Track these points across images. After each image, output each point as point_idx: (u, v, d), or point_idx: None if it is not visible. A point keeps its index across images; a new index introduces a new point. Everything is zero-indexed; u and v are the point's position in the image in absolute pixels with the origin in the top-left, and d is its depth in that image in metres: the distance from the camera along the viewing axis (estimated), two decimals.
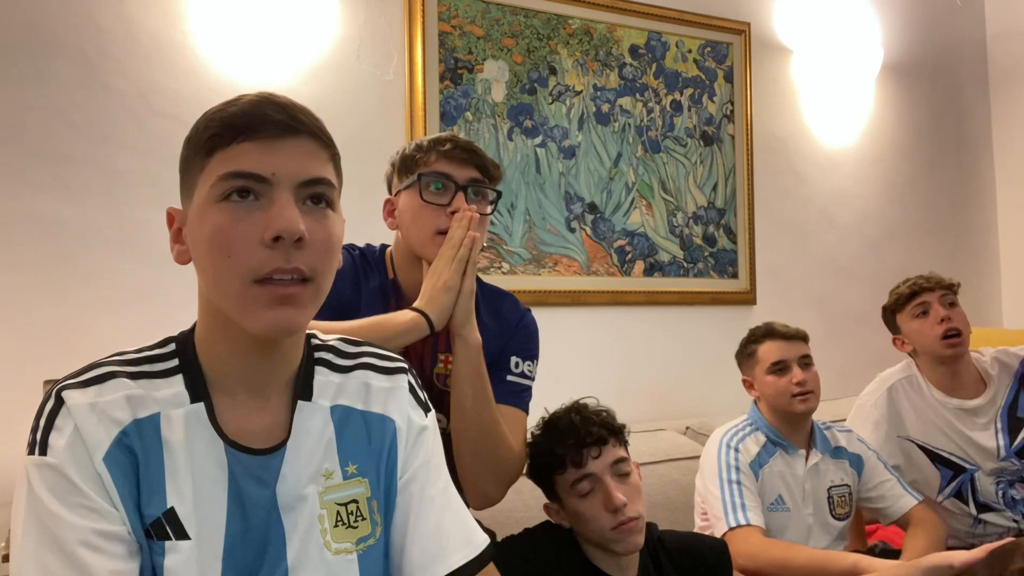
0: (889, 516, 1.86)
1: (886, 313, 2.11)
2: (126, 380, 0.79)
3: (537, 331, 1.45)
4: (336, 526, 0.84)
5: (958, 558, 1.40)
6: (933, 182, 3.40)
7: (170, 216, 0.84)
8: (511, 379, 1.38)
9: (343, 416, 0.87)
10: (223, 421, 0.81)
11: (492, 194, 1.35)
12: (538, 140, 2.53)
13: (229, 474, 0.80)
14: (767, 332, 1.85)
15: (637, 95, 2.71)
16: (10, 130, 1.91)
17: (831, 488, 1.82)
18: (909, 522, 1.81)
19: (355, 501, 0.85)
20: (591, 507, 1.32)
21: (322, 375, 0.88)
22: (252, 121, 0.77)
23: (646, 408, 1.47)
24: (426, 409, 0.95)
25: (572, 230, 2.57)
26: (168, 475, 0.78)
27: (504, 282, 1.70)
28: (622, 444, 1.38)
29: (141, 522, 0.77)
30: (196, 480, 0.78)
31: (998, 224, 3.56)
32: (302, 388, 0.86)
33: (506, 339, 1.40)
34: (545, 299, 2.49)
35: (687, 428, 2.44)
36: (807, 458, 1.82)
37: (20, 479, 0.75)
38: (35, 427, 0.76)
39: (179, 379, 0.81)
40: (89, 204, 1.98)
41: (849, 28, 3.12)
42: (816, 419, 1.90)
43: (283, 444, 0.83)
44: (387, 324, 1.20)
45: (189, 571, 0.77)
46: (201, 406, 0.81)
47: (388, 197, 1.40)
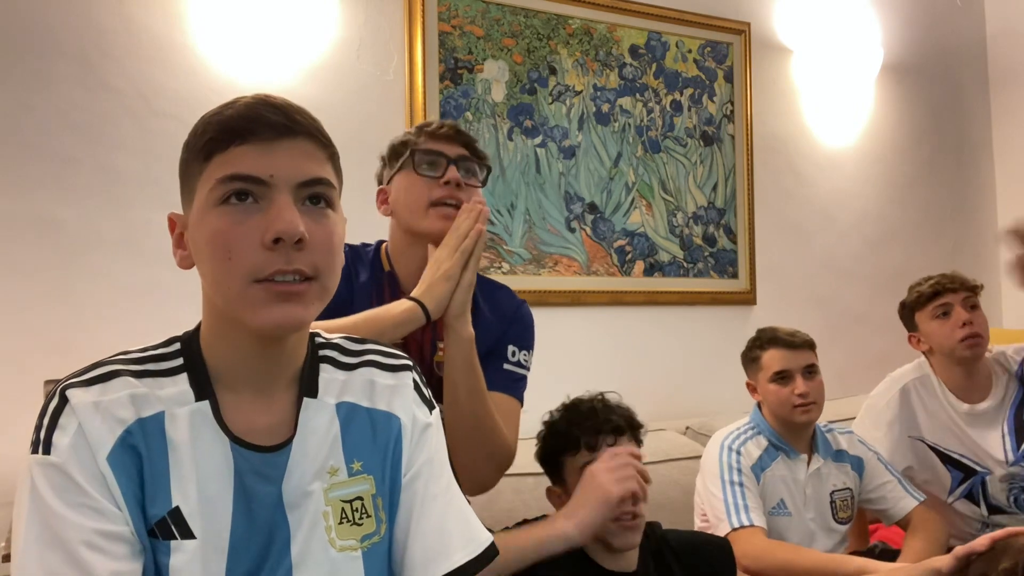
0: (891, 517, 1.85)
1: (904, 310, 2.07)
2: (130, 379, 0.79)
3: (533, 322, 1.46)
4: (341, 523, 0.84)
5: (945, 563, 1.40)
6: (933, 182, 3.40)
7: (171, 221, 0.84)
8: (507, 368, 1.39)
9: (349, 413, 0.87)
10: (228, 419, 0.81)
11: (482, 171, 1.38)
12: (538, 140, 2.53)
13: (235, 471, 0.80)
14: (772, 339, 1.82)
15: (637, 95, 2.71)
16: (10, 130, 1.91)
17: (834, 493, 1.81)
18: (910, 523, 1.81)
19: (360, 498, 0.85)
20: None
21: (327, 372, 0.88)
22: (248, 124, 0.77)
23: (646, 408, 1.47)
24: (430, 406, 0.95)
25: (572, 230, 2.57)
26: (173, 474, 0.78)
27: (504, 282, 1.70)
28: (636, 441, 1.40)
29: (145, 522, 0.76)
30: (201, 478, 0.78)
31: (998, 224, 3.55)
32: (308, 385, 0.86)
33: (503, 329, 1.41)
34: (545, 299, 2.49)
35: (687, 428, 2.44)
36: (809, 463, 1.81)
37: (23, 477, 0.75)
38: (39, 425, 0.76)
39: (183, 377, 0.81)
40: (89, 204, 1.98)
41: (849, 28, 3.12)
42: (819, 424, 1.88)
43: (289, 441, 0.82)
44: (383, 316, 1.20)
45: (194, 570, 0.76)
46: (206, 404, 0.80)
47: (381, 187, 1.43)
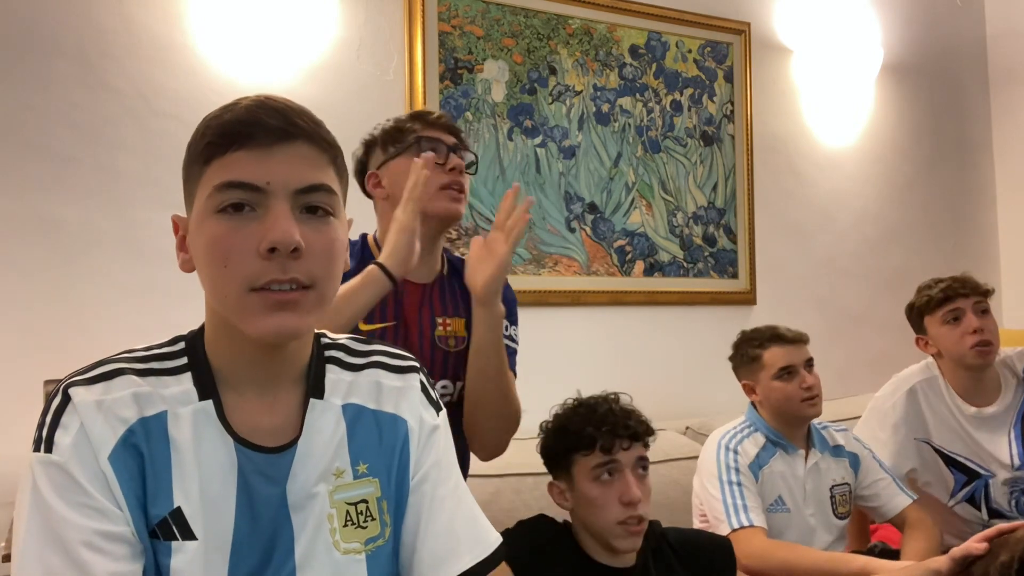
0: (883, 515, 1.86)
1: (913, 312, 2.04)
2: (134, 377, 0.79)
3: (516, 298, 1.54)
4: (345, 526, 0.83)
5: (944, 564, 1.42)
6: (933, 182, 3.40)
7: (175, 224, 0.83)
8: (512, 345, 1.48)
9: (355, 415, 0.87)
10: (232, 419, 0.80)
11: (470, 157, 1.47)
12: (538, 140, 2.53)
13: (238, 472, 0.79)
14: (773, 336, 1.82)
15: (637, 95, 2.71)
16: (10, 130, 1.91)
17: (833, 487, 1.82)
18: (904, 522, 1.82)
19: (365, 501, 0.85)
20: (605, 494, 1.34)
21: (333, 373, 0.88)
22: (246, 128, 0.76)
23: (646, 408, 1.47)
24: (437, 408, 0.94)
25: (572, 230, 2.57)
26: (175, 474, 0.77)
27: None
28: (646, 447, 1.41)
29: (147, 522, 0.76)
30: (203, 479, 0.78)
31: (998, 224, 3.56)
32: (314, 386, 0.85)
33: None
34: (545, 299, 2.49)
35: (687, 428, 2.44)
36: (807, 458, 1.82)
37: (24, 475, 0.75)
38: (41, 423, 0.76)
39: (187, 376, 0.81)
40: (89, 204, 1.98)
41: (849, 28, 3.12)
42: (815, 421, 1.88)
43: (294, 442, 0.82)
44: (346, 288, 1.21)
45: (195, 571, 0.76)
46: (210, 403, 0.80)
47: (371, 171, 1.46)
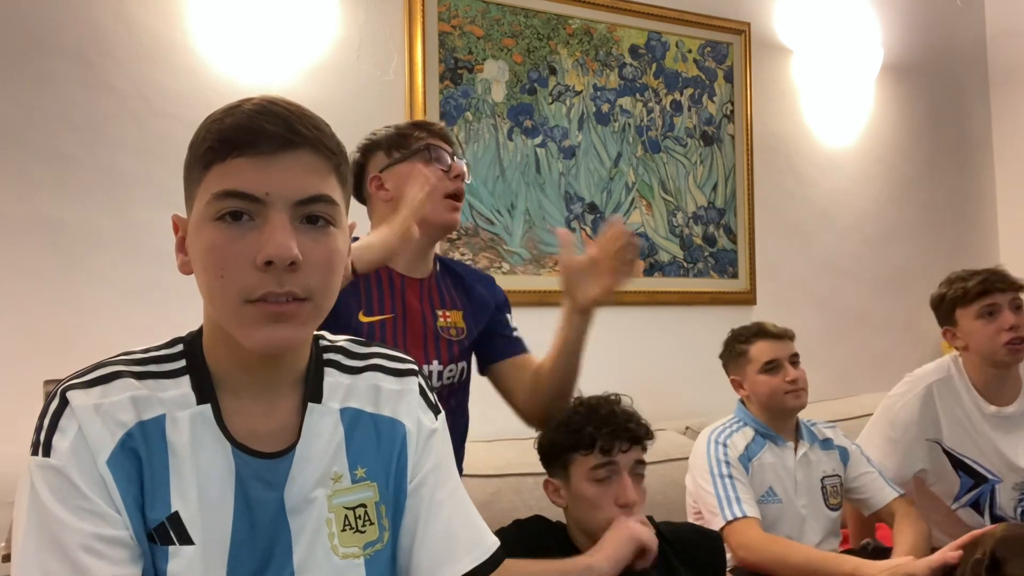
0: (870, 507, 1.88)
1: (944, 303, 1.97)
2: (132, 380, 0.78)
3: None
4: (344, 530, 0.83)
5: (920, 570, 1.49)
6: (933, 182, 3.40)
7: (175, 224, 0.82)
8: (516, 334, 1.58)
9: (353, 419, 0.86)
10: (230, 423, 0.80)
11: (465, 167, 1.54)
12: (538, 140, 2.53)
13: (236, 477, 0.79)
14: (758, 332, 1.88)
15: (637, 95, 2.71)
16: (10, 130, 1.91)
17: (824, 478, 1.85)
18: (893, 516, 1.84)
19: (363, 505, 0.84)
20: (601, 495, 1.35)
21: (332, 376, 0.87)
22: (247, 135, 0.74)
23: (646, 408, 1.47)
24: (436, 411, 0.93)
25: (572, 230, 2.57)
26: (173, 479, 0.77)
27: (504, 282, 1.71)
28: (645, 451, 1.42)
29: (144, 526, 0.76)
30: (201, 483, 0.77)
31: (998, 224, 3.55)
32: (312, 390, 0.85)
33: (494, 301, 1.58)
34: (545, 299, 2.48)
35: (687, 428, 2.45)
36: (796, 449, 1.85)
37: (23, 479, 0.75)
38: (39, 427, 0.76)
39: (186, 380, 0.80)
40: (89, 204, 1.98)
41: (849, 28, 3.12)
42: (802, 418, 1.92)
43: (292, 447, 0.81)
44: None
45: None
46: (208, 408, 0.79)
47: (375, 175, 1.49)
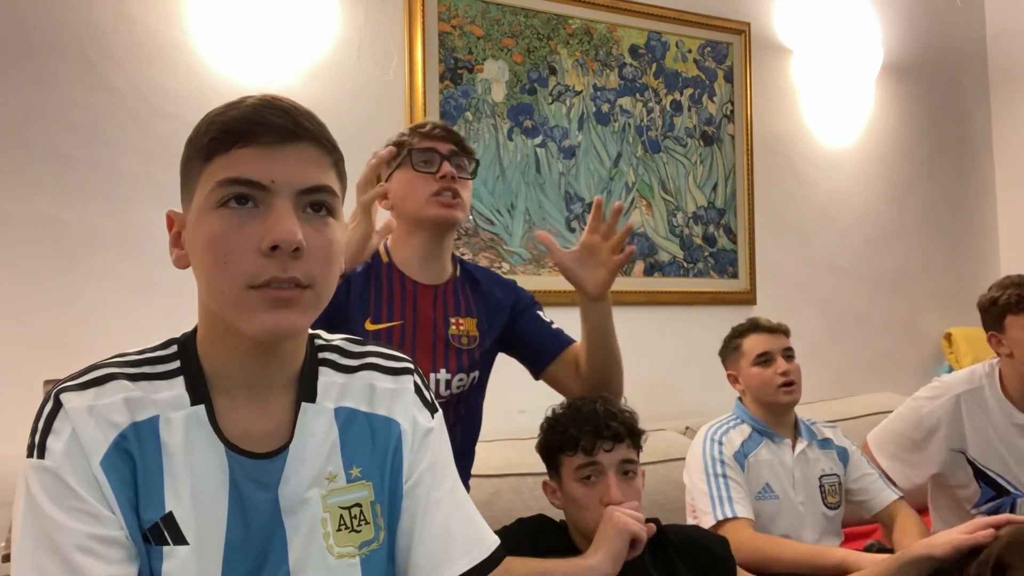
0: (871, 509, 1.88)
1: (994, 308, 1.93)
2: (125, 382, 0.78)
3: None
4: (339, 530, 0.83)
5: (939, 549, 1.46)
6: (933, 182, 3.40)
7: (169, 219, 0.82)
8: (555, 327, 1.59)
9: (347, 418, 0.86)
10: (224, 424, 0.80)
11: (471, 164, 1.51)
12: (538, 140, 2.53)
13: (230, 478, 0.79)
14: (751, 326, 1.91)
15: (637, 95, 2.71)
16: (11, 131, 1.91)
17: (822, 477, 1.85)
18: (893, 518, 1.83)
19: (358, 505, 0.84)
20: (587, 496, 1.34)
21: (326, 376, 0.87)
22: (252, 126, 0.75)
23: (646, 408, 1.47)
24: (432, 410, 0.93)
25: (572, 230, 2.57)
26: (167, 479, 0.77)
27: None
28: (636, 448, 1.40)
29: (139, 526, 0.76)
30: (195, 484, 0.78)
31: (998, 224, 3.56)
32: (306, 389, 0.84)
33: (514, 299, 1.57)
34: (545, 299, 2.46)
35: (687, 428, 2.45)
36: (794, 446, 1.85)
37: (20, 481, 0.75)
38: (34, 429, 0.76)
39: (180, 381, 0.80)
40: (89, 204, 1.98)
41: (849, 28, 3.12)
42: (803, 417, 1.92)
43: (286, 447, 0.81)
44: None
45: None
46: (201, 408, 0.79)
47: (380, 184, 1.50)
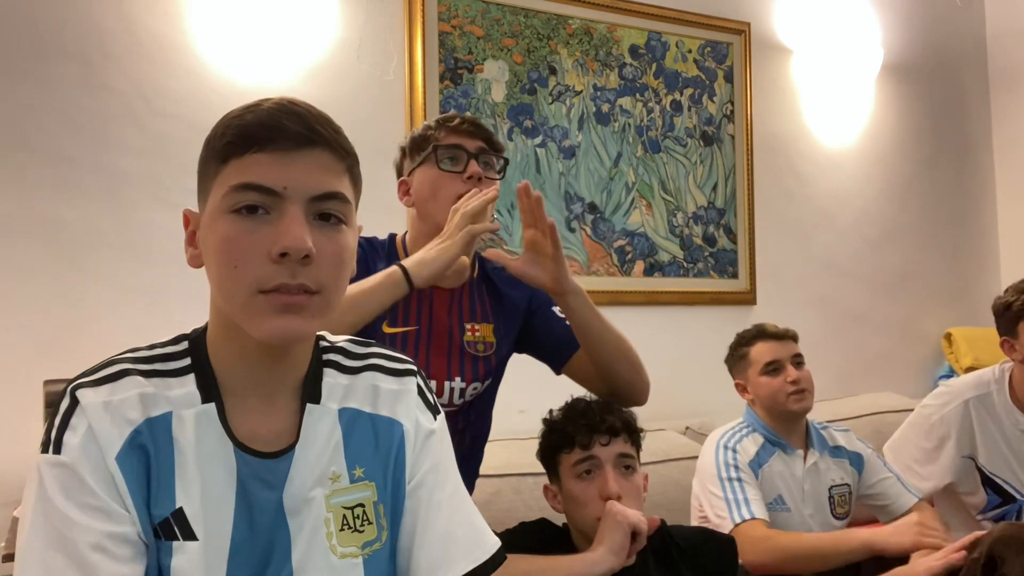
0: (891, 513, 1.86)
1: (1008, 312, 1.90)
2: (139, 378, 0.79)
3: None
4: (342, 530, 0.83)
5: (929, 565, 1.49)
6: (933, 182, 3.40)
7: (186, 218, 0.83)
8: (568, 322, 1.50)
9: (351, 419, 0.87)
10: (233, 423, 0.81)
11: (499, 162, 1.43)
12: (538, 140, 2.53)
13: (237, 477, 0.80)
14: (758, 333, 1.86)
15: (637, 95, 2.71)
16: (12, 131, 1.91)
17: (832, 488, 1.82)
18: None
19: (361, 505, 0.85)
20: (586, 491, 1.33)
21: (331, 377, 0.88)
22: (267, 132, 0.77)
23: (646, 408, 1.48)
24: (435, 411, 0.94)
25: (572, 230, 2.57)
26: (178, 475, 0.78)
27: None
28: (634, 444, 1.40)
29: (150, 521, 0.77)
30: (204, 481, 0.78)
31: (998, 224, 3.56)
32: (311, 391, 0.85)
33: (529, 296, 1.50)
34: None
35: (687, 428, 2.45)
36: (805, 458, 1.82)
37: (31, 476, 0.75)
38: (49, 426, 0.77)
39: (191, 379, 0.81)
40: (91, 205, 1.98)
41: (849, 28, 3.12)
42: (813, 420, 1.89)
43: (292, 448, 0.82)
44: (362, 286, 1.20)
45: (196, 572, 0.77)
46: (212, 407, 0.80)
47: (402, 179, 1.45)
